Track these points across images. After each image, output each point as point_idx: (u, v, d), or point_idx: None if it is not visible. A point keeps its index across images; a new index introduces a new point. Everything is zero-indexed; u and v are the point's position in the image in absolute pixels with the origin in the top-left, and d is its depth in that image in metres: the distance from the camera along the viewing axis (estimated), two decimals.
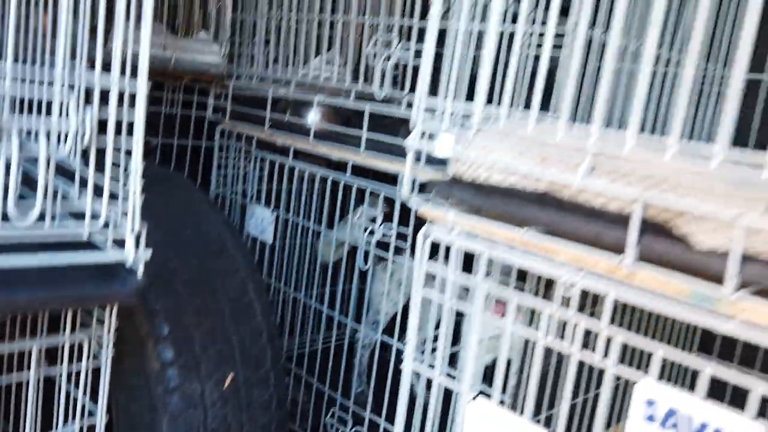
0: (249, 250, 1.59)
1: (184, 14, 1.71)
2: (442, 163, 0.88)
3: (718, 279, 0.62)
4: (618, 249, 0.69)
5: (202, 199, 1.21)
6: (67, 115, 0.64)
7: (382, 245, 1.43)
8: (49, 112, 0.68)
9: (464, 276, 0.82)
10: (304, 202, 1.63)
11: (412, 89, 1.32)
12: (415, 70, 1.20)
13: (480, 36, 0.86)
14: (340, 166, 1.52)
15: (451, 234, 0.83)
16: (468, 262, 0.83)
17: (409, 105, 1.35)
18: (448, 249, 0.85)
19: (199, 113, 1.84)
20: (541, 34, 0.92)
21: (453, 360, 1.05)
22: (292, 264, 1.71)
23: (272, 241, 1.68)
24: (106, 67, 0.69)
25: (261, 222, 1.69)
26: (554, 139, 0.71)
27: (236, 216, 1.80)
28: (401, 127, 1.39)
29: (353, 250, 1.55)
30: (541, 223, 0.76)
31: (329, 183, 1.53)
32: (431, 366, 0.87)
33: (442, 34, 0.88)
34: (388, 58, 1.38)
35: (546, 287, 0.84)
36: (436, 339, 0.90)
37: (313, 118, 1.60)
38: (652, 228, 0.67)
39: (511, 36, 0.83)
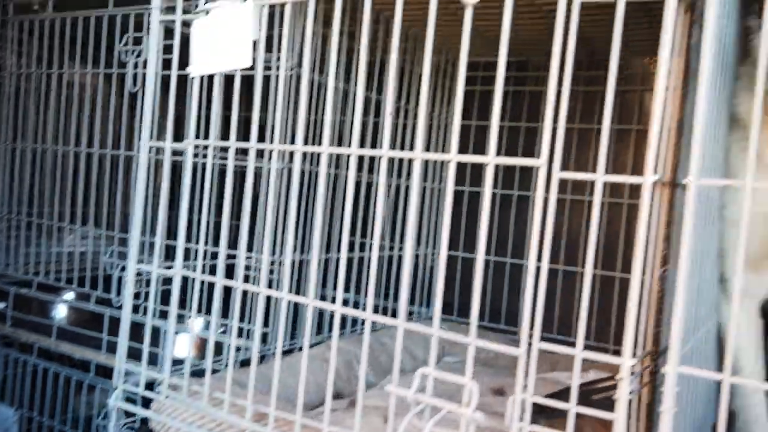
0: None
1: None
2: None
3: None
4: None
5: None
6: None
7: None
8: None
9: None
10: (49, 401, 1.64)
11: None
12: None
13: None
14: (84, 365, 1.57)
15: None
16: None
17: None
18: None
19: None
20: None
21: None
22: None
23: None
24: None
25: (3, 422, 1.66)
26: (218, 414, 0.87)
27: None
28: (142, 330, 1.49)
29: None
30: None
31: (73, 382, 1.57)
32: None
33: None
34: (123, 268, 1.49)
35: None
36: None
37: (57, 317, 1.65)
38: None
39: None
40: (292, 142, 1.20)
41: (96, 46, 1.51)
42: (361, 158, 1.41)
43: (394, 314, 1.64)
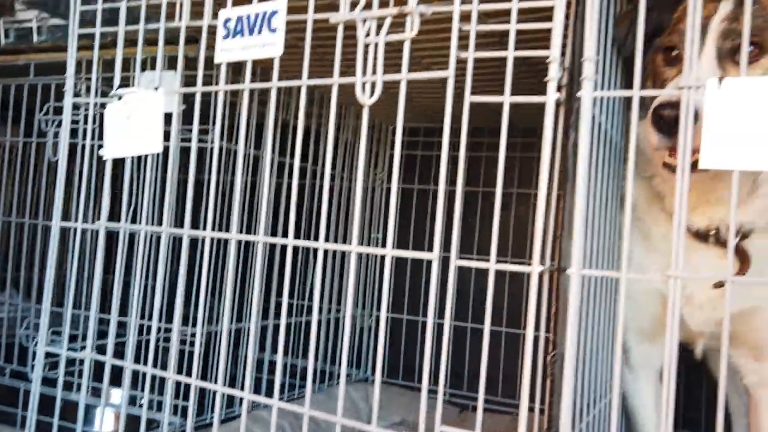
0: None
1: None
2: None
3: None
4: None
5: None
6: None
7: None
8: None
9: None
10: None
11: (68, 373, 1.41)
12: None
13: None
14: None
15: None
16: None
17: (67, 387, 1.42)
18: None
19: None
20: None
21: None
22: None
23: None
24: None
25: None
26: None
27: None
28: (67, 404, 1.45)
29: None
30: None
31: None
32: None
33: None
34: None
35: None
36: None
37: None
38: None
39: None
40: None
41: (16, 114, 1.49)
42: (275, 223, 1.41)
43: (322, 376, 1.64)
